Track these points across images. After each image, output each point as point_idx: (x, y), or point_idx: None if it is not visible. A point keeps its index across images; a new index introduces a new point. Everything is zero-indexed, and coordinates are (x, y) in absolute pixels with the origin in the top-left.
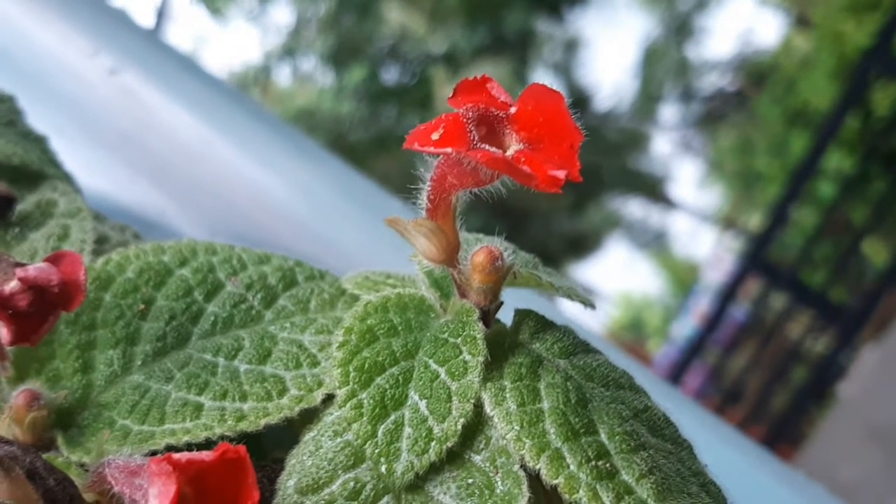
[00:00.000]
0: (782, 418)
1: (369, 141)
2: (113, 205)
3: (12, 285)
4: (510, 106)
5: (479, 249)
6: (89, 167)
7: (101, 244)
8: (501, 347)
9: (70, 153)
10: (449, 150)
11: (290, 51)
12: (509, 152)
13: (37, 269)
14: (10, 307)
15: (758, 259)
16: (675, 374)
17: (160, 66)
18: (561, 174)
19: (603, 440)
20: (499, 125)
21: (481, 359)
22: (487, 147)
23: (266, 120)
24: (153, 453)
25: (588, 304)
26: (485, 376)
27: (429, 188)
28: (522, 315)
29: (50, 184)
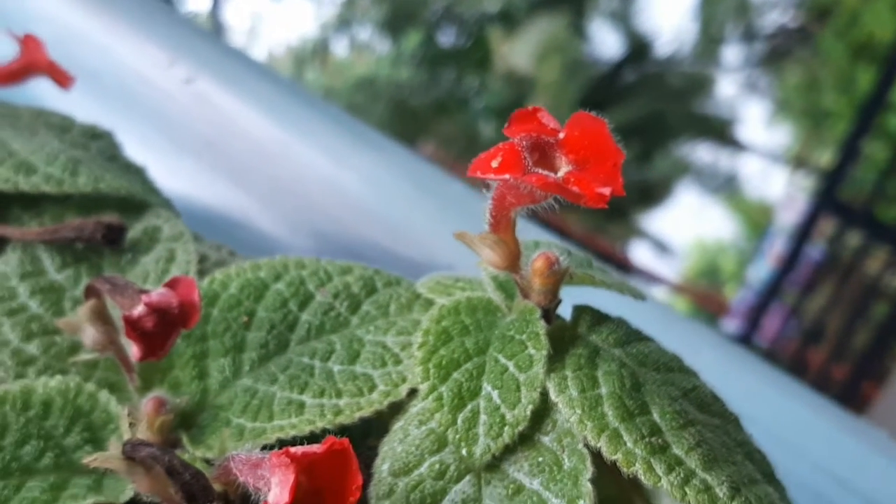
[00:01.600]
0: (865, 356)
1: (430, 105)
2: (200, 207)
3: (139, 310)
4: (559, 132)
5: (537, 256)
6: (177, 174)
7: (202, 263)
8: (562, 341)
9: (158, 162)
10: (507, 176)
11: (345, 21)
12: (559, 173)
13: (159, 294)
14: (139, 328)
15: (830, 197)
16: (754, 318)
17: (233, 71)
18: (606, 191)
19: (655, 419)
20: (549, 150)
21: (544, 352)
22: (541, 171)
23: (335, 117)
24: (265, 447)
25: (638, 296)
26: (548, 367)
27: (490, 207)
28: (580, 311)
29: (154, 211)
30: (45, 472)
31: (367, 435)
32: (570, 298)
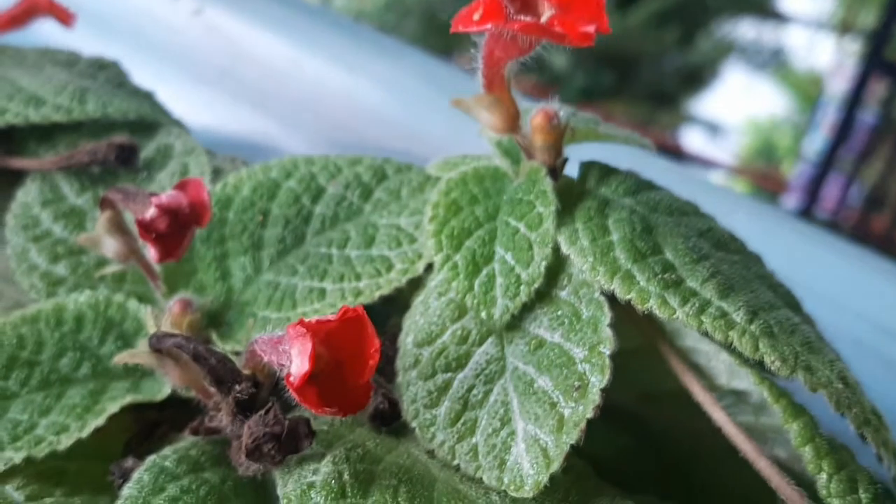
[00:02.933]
0: None
1: None
2: (222, 136)
3: (151, 212)
4: None
5: (536, 112)
6: (195, 106)
7: (216, 175)
8: (571, 196)
9: (175, 97)
10: (489, 25)
11: None
12: (543, 18)
13: (168, 196)
14: (153, 230)
15: (878, 58)
16: (813, 191)
17: None
18: (591, 29)
19: (668, 257)
20: None
21: (553, 208)
22: (523, 17)
23: (346, 27)
24: None
25: (646, 146)
26: (558, 223)
27: (482, 66)
28: (587, 166)
29: (165, 130)
30: (84, 380)
31: (390, 315)
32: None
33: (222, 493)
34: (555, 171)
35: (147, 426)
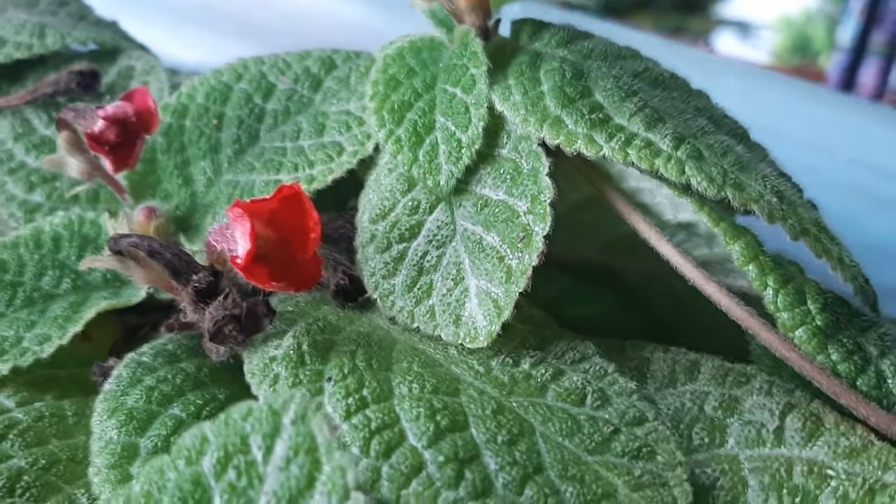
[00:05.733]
0: None
1: None
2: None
3: (99, 125)
4: None
5: None
6: (183, 45)
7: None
8: (504, 55)
9: (163, 40)
10: None
11: None
12: None
13: (114, 106)
14: (104, 142)
15: None
16: (849, 79)
17: None
18: None
19: (597, 99)
20: None
21: (484, 68)
22: None
23: None
24: None
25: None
26: (492, 82)
27: None
28: (519, 24)
29: (126, 54)
30: (66, 294)
31: (348, 198)
32: None
33: (198, 379)
34: (486, 32)
35: (129, 330)
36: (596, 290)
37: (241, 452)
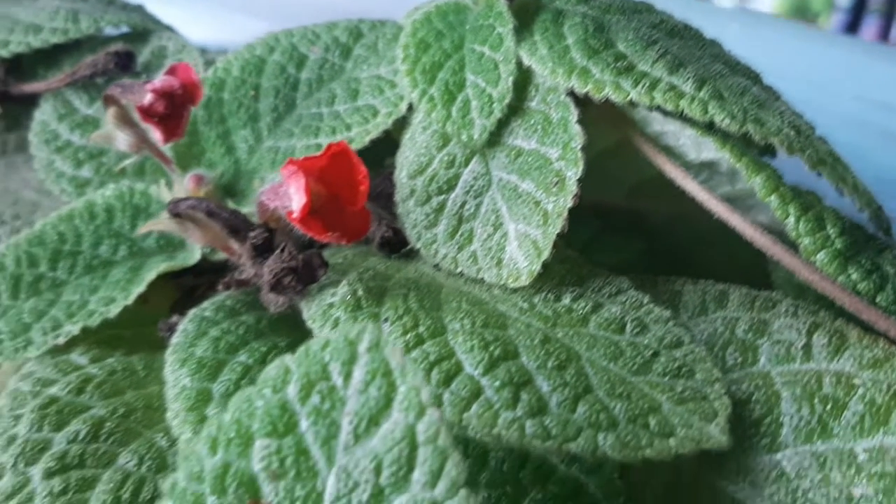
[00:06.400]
0: None
1: None
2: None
3: (148, 98)
4: None
5: None
6: (199, 25)
7: (209, 66)
8: (528, 14)
9: (178, 22)
10: None
11: None
12: None
13: (161, 80)
14: (154, 113)
15: None
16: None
17: None
18: None
19: (620, 48)
20: None
21: (510, 27)
22: None
23: None
24: None
25: None
26: (518, 39)
27: None
28: None
29: (156, 35)
30: (124, 261)
31: (384, 157)
32: None
33: (258, 330)
34: None
35: (187, 291)
36: (623, 237)
37: (322, 379)
